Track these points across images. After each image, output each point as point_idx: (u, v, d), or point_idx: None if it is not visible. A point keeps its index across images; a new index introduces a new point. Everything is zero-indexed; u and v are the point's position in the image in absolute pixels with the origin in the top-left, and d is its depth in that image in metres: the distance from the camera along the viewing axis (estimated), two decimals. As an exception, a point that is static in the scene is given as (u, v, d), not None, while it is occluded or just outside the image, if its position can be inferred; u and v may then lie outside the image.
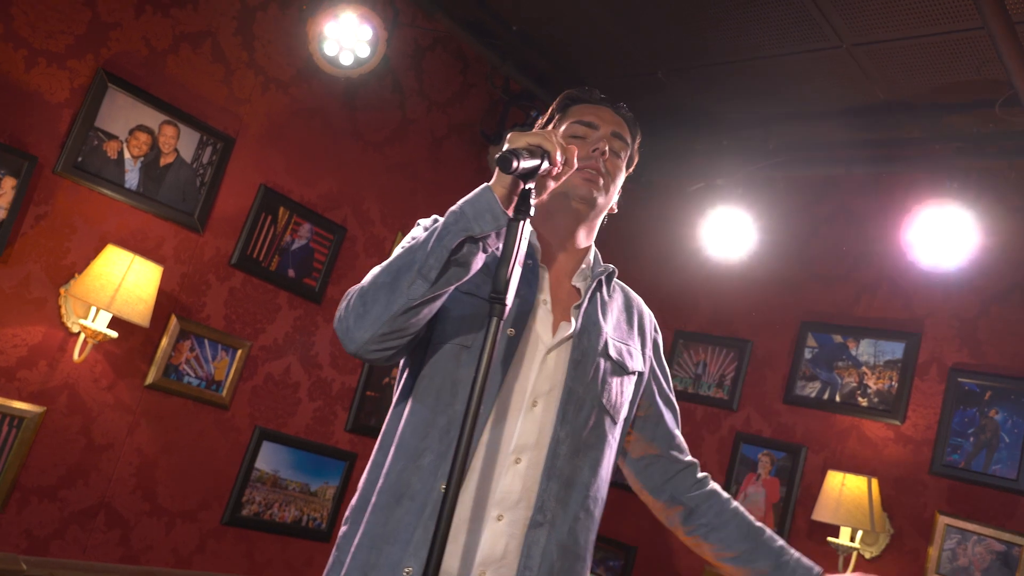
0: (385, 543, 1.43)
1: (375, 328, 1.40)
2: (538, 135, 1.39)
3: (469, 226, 1.37)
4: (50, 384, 2.82)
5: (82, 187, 2.85)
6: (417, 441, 1.49)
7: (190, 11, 3.09)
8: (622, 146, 1.65)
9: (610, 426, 1.57)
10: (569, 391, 1.52)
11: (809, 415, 3.79)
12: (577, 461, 1.51)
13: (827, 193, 4.08)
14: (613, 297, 1.69)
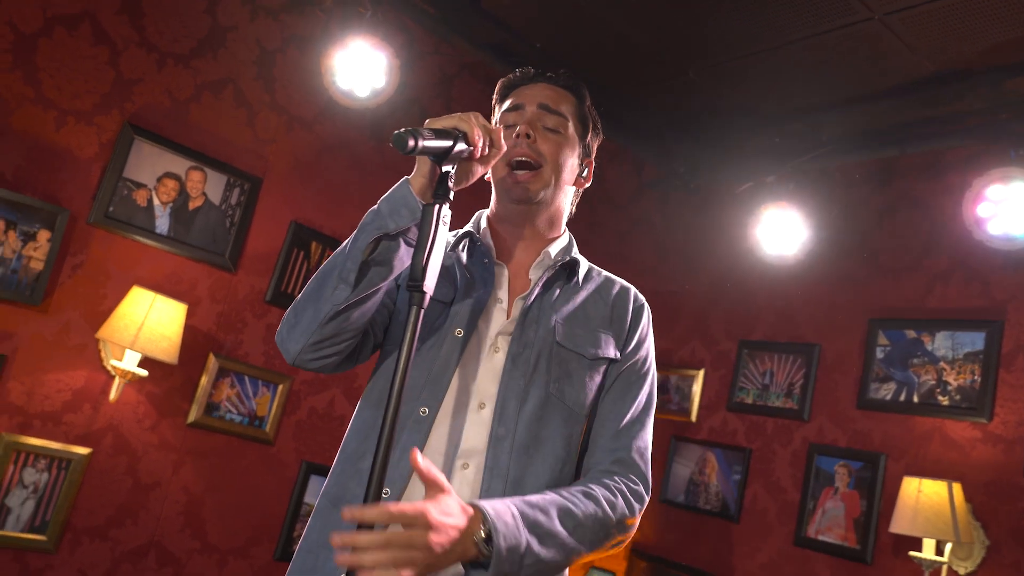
0: (322, 548, 1.38)
1: (306, 337, 1.38)
2: (455, 116, 1.33)
3: (384, 224, 1.34)
4: (95, 426, 2.92)
5: (115, 235, 2.98)
6: (357, 444, 1.46)
7: (210, 60, 3.22)
8: (556, 119, 1.54)
9: (566, 419, 1.44)
10: (506, 386, 1.42)
11: (886, 419, 3.47)
12: (527, 460, 1.39)
13: (885, 179, 3.79)
14: (585, 286, 1.57)
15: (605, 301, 1.57)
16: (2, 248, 2.74)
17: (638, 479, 1.46)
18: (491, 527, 1.22)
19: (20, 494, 2.77)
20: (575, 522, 1.33)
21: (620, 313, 1.56)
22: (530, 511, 1.29)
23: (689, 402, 4.25)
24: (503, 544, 1.22)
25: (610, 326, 1.54)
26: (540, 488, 1.38)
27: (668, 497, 4.17)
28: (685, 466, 4.18)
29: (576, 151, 1.58)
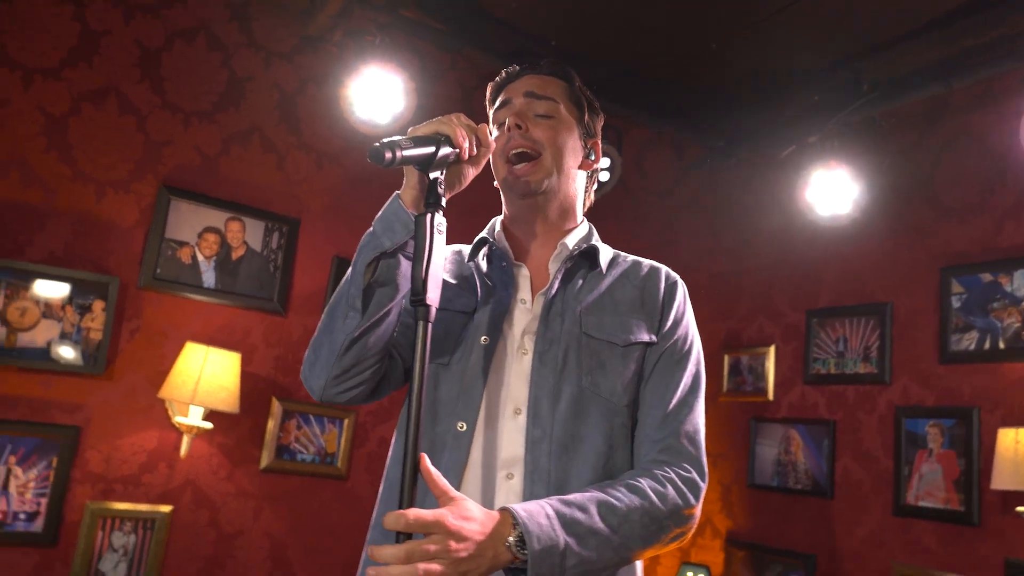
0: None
1: (327, 372, 1.35)
2: (436, 121, 1.30)
3: (379, 243, 1.31)
4: (173, 484, 2.99)
5: (165, 296, 3.05)
6: (397, 470, 1.40)
7: (232, 113, 3.28)
8: (546, 103, 1.49)
9: (605, 412, 1.37)
10: (537, 385, 1.36)
11: (973, 371, 3.27)
12: (568, 459, 1.33)
13: (935, 118, 3.59)
14: (610, 272, 1.50)
15: (633, 284, 1.49)
16: (62, 324, 2.83)
17: (690, 466, 1.37)
18: (523, 529, 1.16)
19: (112, 558, 2.85)
20: (619, 518, 1.25)
21: (651, 294, 1.48)
22: (567, 509, 1.23)
23: (764, 381, 4.10)
24: (537, 546, 1.16)
25: (641, 309, 1.46)
26: (585, 486, 1.31)
27: (756, 481, 4.03)
28: (769, 447, 4.04)
29: (574, 132, 1.52)
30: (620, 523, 1.25)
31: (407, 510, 1.12)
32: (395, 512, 1.11)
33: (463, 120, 1.30)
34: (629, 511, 1.27)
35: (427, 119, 1.34)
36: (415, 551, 1.10)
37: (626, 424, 1.41)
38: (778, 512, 3.92)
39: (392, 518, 1.11)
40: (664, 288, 1.50)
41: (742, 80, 3.93)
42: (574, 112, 1.54)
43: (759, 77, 3.88)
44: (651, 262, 1.57)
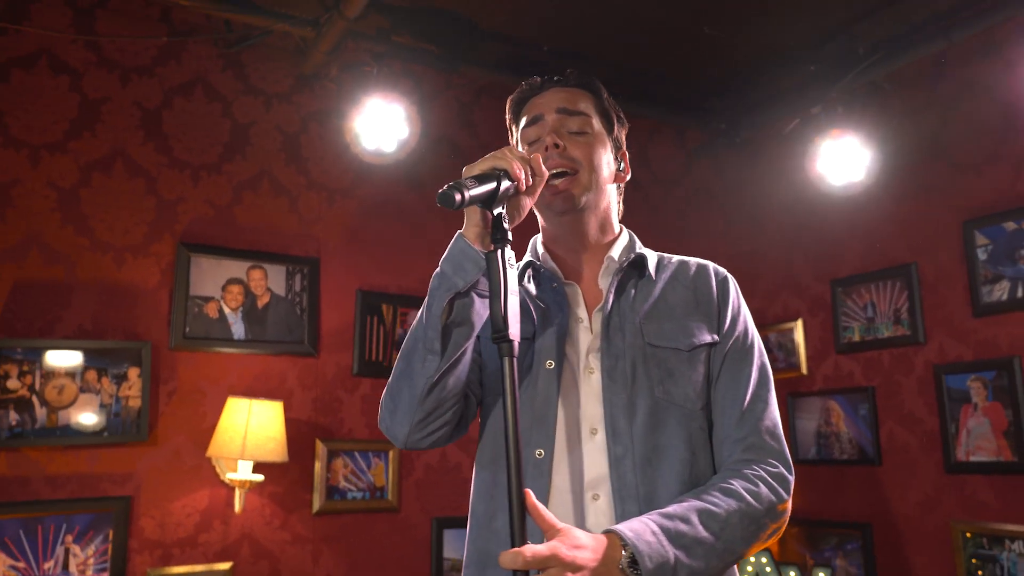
0: None
1: (410, 418, 1.36)
2: (490, 157, 1.30)
3: (452, 284, 1.30)
4: (229, 540, 2.98)
5: (198, 354, 3.04)
6: (484, 506, 1.43)
7: (240, 161, 3.26)
8: (579, 120, 1.49)
9: (682, 419, 1.37)
10: (610, 402, 1.36)
11: (1008, 320, 3.26)
12: (652, 471, 1.33)
13: (939, 73, 3.58)
14: (660, 277, 1.50)
15: (685, 286, 1.49)
16: (100, 396, 2.82)
17: (776, 461, 1.37)
18: (633, 549, 1.16)
19: (180, 622, 2.84)
20: (720, 523, 1.25)
21: (704, 294, 1.48)
22: (670, 523, 1.23)
23: (795, 355, 4.10)
24: (649, 565, 1.16)
25: (697, 310, 1.46)
26: (673, 497, 1.31)
27: (800, 457, 4.02)
28: (809, 420, 4.03)
29: (607, 146, 1.52)
30: (721, 528, 1.25)
31: (522, 548, 1.12)
32: (511, 552, 1.12)
33: (516, 152, 1.30)
34: (728, 515, 1.27)
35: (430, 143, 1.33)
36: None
37: (703, 428, 1.40)
38: (827, 484, 3.91)
39: (509, 558, 1.12)
40: (716, 285, 1.50)
41: (738, 60, 3.92)
42: (605, 126, 1.54)
43: (755, 54, 3.87)
44: (697, 260, 1.56)
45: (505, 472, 1.39)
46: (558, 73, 1.57)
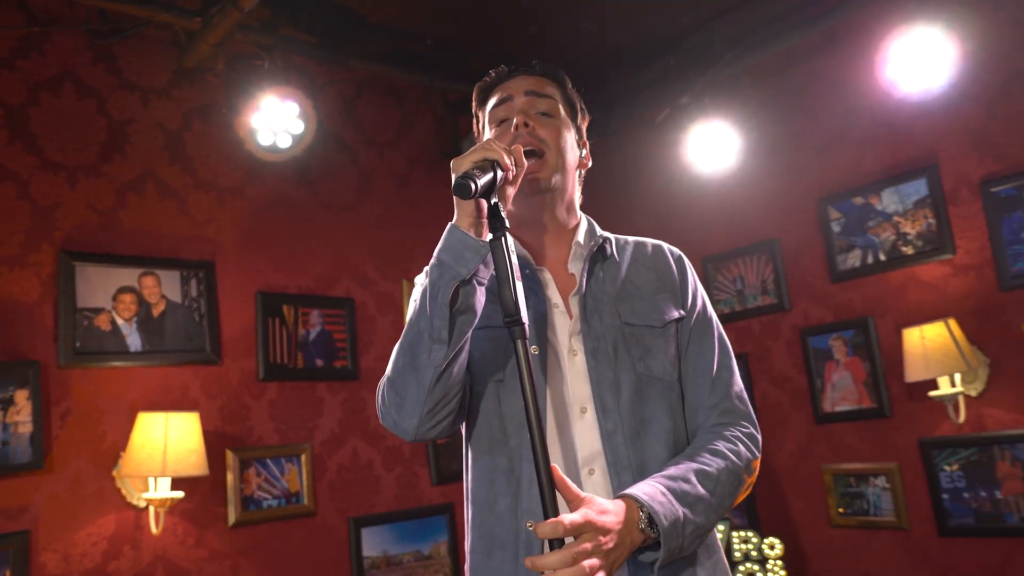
0: None
1: (419, 410, 1.36)
2: (480, 149, 1.32)
3: (455, 272, 1.31)
4: (142, 565, 2.80)
5: (92, 370, 2.82)
6: (486, 490, 1.47)
7: (120, 162, 3.05)
8: (547, 102, 1.55)
9: (662, 390, 1.47)
10: (598, 380, 1.44)
11: (862, 284, 3.69)
12: (641, 443, 1.43)
13: (791, 66, 3.97)
14: (623, 259, 1.59)
15: (647, 266, 1.59)
16: (-15, 423, 2.56)
17: (747, 422, 1.51)
18: (650, 510, 1.26)
19: (96, 658, 2.63)
20: (713, 481, 1.38)
21: (665, 272, 1.59)
22: (675, 485, 1.34)
23: (673, 330, 4.39)
24: (665, 523, 1.27)
25: (663, 288, 1.56)
26: (662, 464, 1.42)
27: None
28: (688, 389, 4.33)
29: (572, 132, 1.58)
30: (715, 486, 1.38)
31: (560, 518, 1.19)
32: (550, 522, 1.19)
33: (501, 144, 1.34)
34: (719, 474, 1.39)
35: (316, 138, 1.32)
36: (578, 553, 1.18)
37: (679, 396, 1.51)
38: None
39: (549, 528, 1.18)
40: (674, 264, 1.61)
41: (609, 52, 4.13)
42: (569, 114, 1.60)
43: (625, 48, 4.09)
44: (650, 240, 1.67)
45: (504, 457, 1.45)
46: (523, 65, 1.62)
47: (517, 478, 1.43)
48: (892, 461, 3.54)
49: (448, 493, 3.71)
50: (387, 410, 1.42)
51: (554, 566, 1.18)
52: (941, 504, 3.38)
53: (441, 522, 3.65)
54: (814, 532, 3.78)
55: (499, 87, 1.59)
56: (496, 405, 1.47)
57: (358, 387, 3.53)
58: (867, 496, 3.63)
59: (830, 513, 3.74)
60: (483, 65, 1.69)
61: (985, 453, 3.26)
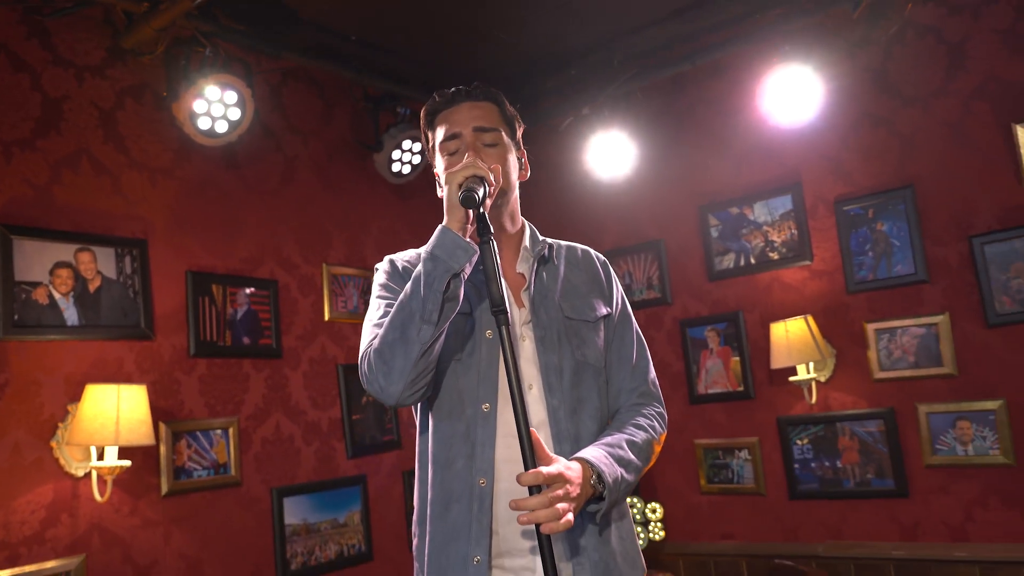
0: (451, 542, 1.69)
1: (405, 377, 1.62)
2: (469, 167, 1.62)
3: (449, 266, 1.60)
4: (79, 532, 2.88)
5: (28, 343, 2.87)
6: (447, 452, 1.74)
7: (55, 137, 3.08)
8: (491, 135, 1.79)
9: (593, 375, 1.79)
10: (545, 364, 1.75)
11: (734, 283, 4.24)
12: (577, 417, 1.76)
13: (681, 88, 4.46)
14: (560, 262, 1.90)
15: (580, 268, 1.92)
16: (-76, 393, 2.57)
17: (659, 404, 1.89)
18: (599, 470, 1.62)
19: (35, 623, 2.72)
20: (638, 449, 1.75)
21: (594, 275, 1.93)
22: (614, 451, 1.70)
23: (566, 318, 4.81)
24: (610, 480, 1.63)
25: (594, 289, 1.90)
26: (593, 437, 1.75)
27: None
28: (577, 373, 4.77)
29: (513, 152, 1.86)
30: (639, 452, 1.75)
31: (538, 470, 1.51)
32: (532, 472, 1.51)
33: (482, 164, 1.64)
34: (643, 442, 1.77)
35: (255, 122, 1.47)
36: (553, 497, 1.51)
37: (605, 380, 1.85)
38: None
39: (531, 476, 1.50)
40: (601, 268, 1.97)
41: (521, 61, 4.47)
42: (509, 133, 1.86)
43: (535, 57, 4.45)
44: (578, 245, 2.00)
45: (462, 423, 1.74)
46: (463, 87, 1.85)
47: (472, 442, 1.72)
48: (754, 436, 4.12)
49: (361, 466, 3.96)
50: (374, 377, 1.66)
51: (535, 507, 1.50)
52: (793, 472, 3.98)
53: (355, 493, 3.89)
54: (687, 498, 4.32)
55: (444, 115, 1.83)
56: (455, 380, 1.75)
57: (280, 365, 3.71)
58: (731, 467, 4.20)
59: (700, 482, 4.28)
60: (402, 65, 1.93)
61: (830, 429, 3.88)
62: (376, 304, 1.82)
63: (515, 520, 1.64)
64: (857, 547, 3.77)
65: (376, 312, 1.80)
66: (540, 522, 1.49)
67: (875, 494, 3.76)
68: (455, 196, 1.62)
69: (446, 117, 1.83)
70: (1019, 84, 3.49)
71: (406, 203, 4.53)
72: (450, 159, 1.80)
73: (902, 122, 3.78)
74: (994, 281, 3.49)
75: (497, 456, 1.71)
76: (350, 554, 3.80)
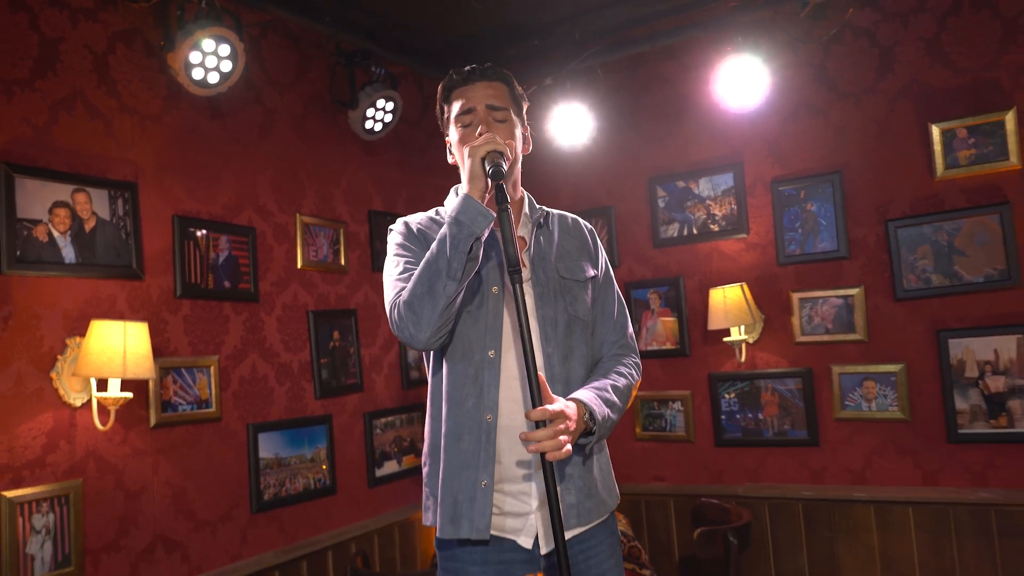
0: (463, 470, 1.99)
1: (432, 325, 1.90)
2: (490, 143, 1.89)
3: (472, 231, 1.87)
4: (76, 458, 3.06)
5: (29, 278, 2.98)
6: (459, 391, 2.02)
7: (52, 79, 3.15)
8: (502, 111, 2.03)
9: (582, 327, 2.11)
10: (543, 317, 2.04)
11: (677, 251, 4.64)
12: (568, 363, 2.07)
13: (638, 68, 4.78)
14: (554, 228, 2.20)
15: (571, 235, 2.23)
16: (-65, 322, 2.68)
17: (635, 353, 2.24)
18: (590, 409, 1.96)
19: (37, 540, 2.90)
20: (619, 392, 2.10)
21: (582, 241, 2.24)
22: (602, 394, 2.04)
23: (518, 276, 5.13)
24: (599, 418, 1.97)
25: (583, 253, 2.21)
26: (581, 381, 2.08)
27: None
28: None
29: (519, 128, 2.14)
30: (620, 395, 2.10)
31: (544, 407, 1.82)
32: (539, 409, 1.81)
33: (502, 140, 1.93)
34: (624, 387, 2.12)
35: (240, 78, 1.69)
36: (557, 431, 1.83)
37: (591, 333, 2.18)
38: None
39: (538, 412, 1.81)
40: (588, 235, 2.28)
41: (491, 29, 4.69)
42: (516, 110, 2.14)
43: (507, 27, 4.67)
44: (569, 214, 2.30)
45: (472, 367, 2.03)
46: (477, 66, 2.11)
47: (480, 383, 2.02)
48: (687, 390, 4.57)
49: (327, 406, 4.21)
50: (404, 325, 1.93)
51: (541, 438, 1.81)
52: (719, 423, 4.46)
53: (322, 431, 4.15)
54: (623, 444, 4.75)
55: (461, 91, 2.08)
56: (465, 330, 2.04)
57: (257, 308, 3.90)
58: (665, 416, 4.65)
59: (636, 430, 4.72)
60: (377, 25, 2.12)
61: (754, 385, 4.36)
62: (395, 261, 2.09)
63: (514, 451, 1.98)
64: (772, 488, 4.29)
65: (396, 268, 2.07)
66: (546, 451, 1.81)
67: (790, 443, 4.28)
68: (478, 167, 1.90)
69: (462, 93, 2.08)
70: (938, 88, 3.96)
71: (373, 159, 4.72)
72: (464, 131, 2.06)
73: (835, 114, 4.21)
74: (904, 261, 4.00)
75: (500, 396, 2.01)
76: (316, 487, 4.07)
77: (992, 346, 3.83)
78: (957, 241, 3.89)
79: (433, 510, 2.08)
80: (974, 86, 3.88)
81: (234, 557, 3.63)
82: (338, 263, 4.39)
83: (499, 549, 2.02)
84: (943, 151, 3.92)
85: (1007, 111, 3.78)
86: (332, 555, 4.05)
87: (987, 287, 3.83)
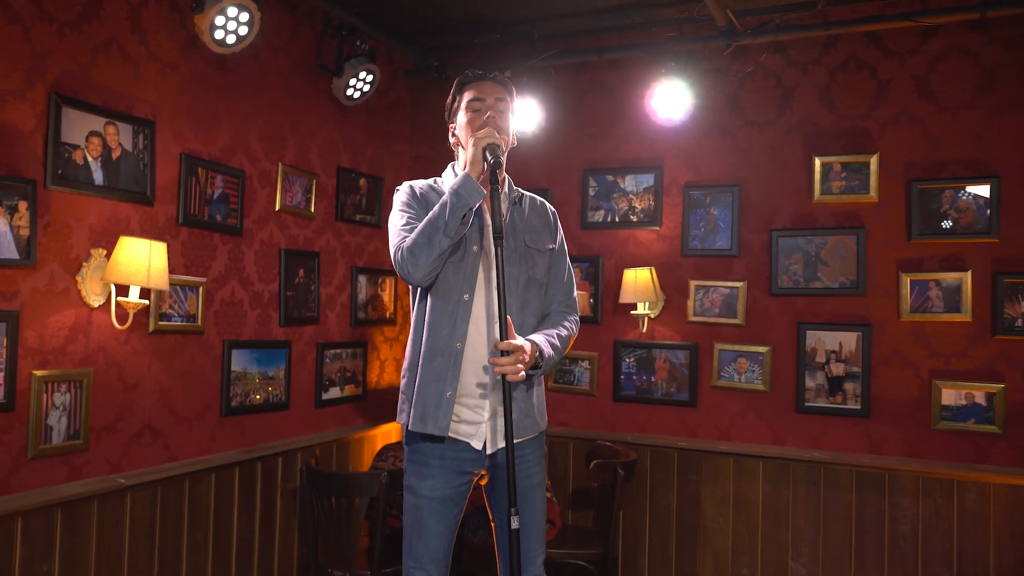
0: (433, 382, 2.64)
1: (426, 268, 2.59)
2: (490, 137, 2.58)
3: (468, 203, 2.55)
4: (90, 350, 3.61)
5: (66, 194, 3.50)
6: (437, 322, 2.65)
7: (96, 24, 3.64)
8: (505, 106, 2.69)
9: (538, 286, 2.81)
10: (508, 274, 2.65)
11: (600, 234, 5.46)
12: (524, 313, 2.78)
13: (583, 74, 5.53)
14: (525, 206, 2.94)
15: (538, 213, 2.97)
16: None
17: (576, 313, 3.00)
18: (541, 348, 2.72)
19: (56, 414, 3.46)
20: (562, 339, 2.85)
21: (545, 219, 2.97)
22: (549, 339, 2.79)
23: (460, 240, 5.84)
24: (547, 356, 2.73)
25: (545, 228, 2.96)
26: (532, 328, 2.81)
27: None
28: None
29: (512, 123, 2.84)
30: (563, 342, 2.86)
31: (509, 340, 2.56)
32: (507, 341, 2.51)
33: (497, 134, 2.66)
34: (566, 336, 2.88)
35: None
36: (517, 359, 2.55)
37: (545, 292, 2.93)
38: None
39: (506, 344, 2.51)
40: (551, 215, 3.02)
41: (456, 18, 5.33)
42: (512, 108, 2.87)
43: (471, 17, 5.33)
44: (538, 196, 3.05)
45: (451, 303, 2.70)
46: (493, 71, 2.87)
47: (455, 319, 2.73)
48: (595, 352, 5.41)
49: (288, 333, 4.84)
50: (404, 265, 2.61)
51: (505, 364, 2.53)
52: (619, 382, 5.32)
53: (282, 354, 4.77)
54: (536, 392, 5.56)
55: (474, 85, 2.77)
56: (448, 275, 2.76)
57: (240, 241, 4.48)
58: (574, 372, 5.48)
59: (548, 382, 5.54)
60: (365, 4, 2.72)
61: (651, 353, 5.24)
62: (400, 215, 2.79)
63: (475, 373, 2.67)
64: (655, 438, 5.20)
65: (400, 220, 2.77)
66: (507, 373, 2.54)
67: (674, 403, 5.19)
68: (480, 154, 2.60)
69: (475, 87, 2.76)
70: (823, 128, 4.89)
71: (345, 121, 5.31)
72: (473, 115, 2.73)
73: (741, 137, 5.09)
74: (780, 264, 4.93)
75: (469, 330, 2.73)
76: (273, 401, 4.70)
77: (839, 339, 4.81)
78: (823, 253, 4.85)
79: (407, 412, 2.79)
80: (851, 130, 4.82)
81: (204, 451, 4.25)
82: (308, 210, 4.99)
83: (455, 448, 2.73)
84: (821, 179, 4.85)
85: (873, 155, 4.73)
86: (282, 460, 4.71)
87: (840, 292, 4.80)
